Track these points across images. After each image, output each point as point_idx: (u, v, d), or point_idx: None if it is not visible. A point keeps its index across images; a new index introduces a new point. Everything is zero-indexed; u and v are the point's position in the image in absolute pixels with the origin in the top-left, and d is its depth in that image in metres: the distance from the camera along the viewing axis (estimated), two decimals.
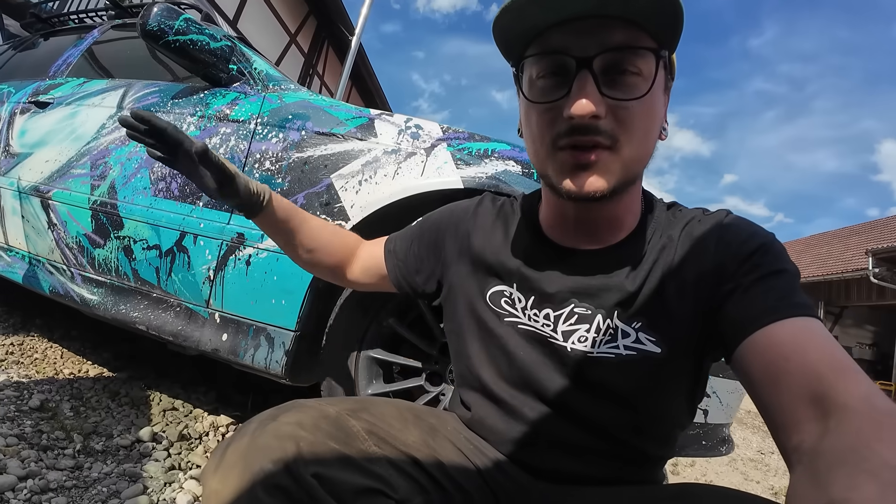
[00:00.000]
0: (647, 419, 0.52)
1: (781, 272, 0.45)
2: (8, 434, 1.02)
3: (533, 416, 0.54)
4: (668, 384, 0.51)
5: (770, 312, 0.42)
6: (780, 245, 0.48)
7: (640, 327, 0.50)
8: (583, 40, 0.45)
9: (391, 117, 1.12)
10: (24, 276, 1.48)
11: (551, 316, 0.54)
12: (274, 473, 0.39)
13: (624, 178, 0.48)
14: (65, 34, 2.11)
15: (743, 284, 0.45)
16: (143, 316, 1.19)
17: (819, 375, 0.36)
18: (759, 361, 0.40)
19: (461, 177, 1.00)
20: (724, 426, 1.15)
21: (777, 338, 0.40)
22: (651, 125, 0.48)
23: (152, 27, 1.19)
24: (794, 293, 0.43)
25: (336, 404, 0.49)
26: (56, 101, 1.57)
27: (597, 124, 0.45)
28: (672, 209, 0.56)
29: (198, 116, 1.26)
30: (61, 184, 1.40)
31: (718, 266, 0.47)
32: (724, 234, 0.49)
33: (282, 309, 1.04)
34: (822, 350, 0.38)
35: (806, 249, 14.95)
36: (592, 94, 0.44)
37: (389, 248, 0.70)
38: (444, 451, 0.52)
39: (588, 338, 0.51)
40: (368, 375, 0.99)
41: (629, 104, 0.45)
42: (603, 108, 0.44)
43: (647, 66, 0.45)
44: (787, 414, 0.37)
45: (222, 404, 1.47)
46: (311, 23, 7.78)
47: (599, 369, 0.51)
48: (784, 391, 0.37)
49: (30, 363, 1.46)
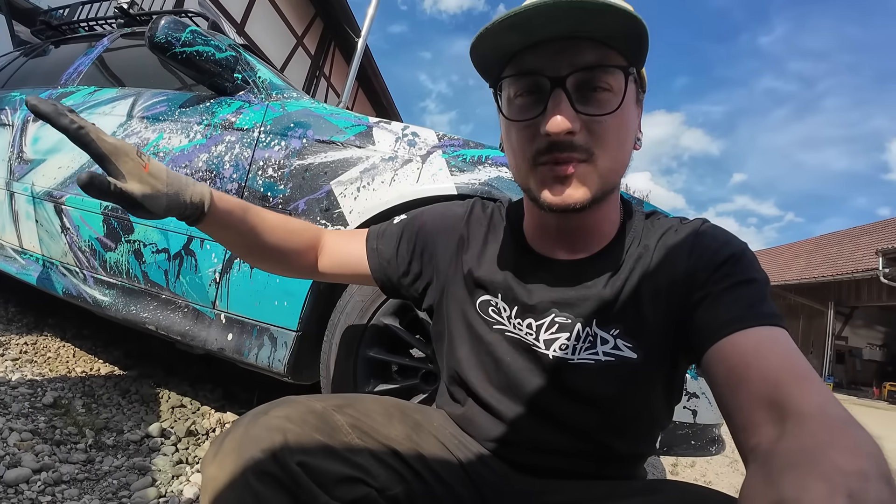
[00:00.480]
0: (626, 421, 0.55)
1: (751, 281, 0.47)
2: (23, 429, 1.06)
3: (516, 420, 0.56)
4: (645, 388, 0.54)
5: (736, 321, 0.44)
6: (751, 254, 0.50)
7: (618, 334, 0.52)
8: (556, 61, 0.47)
9: (389, 125, 1.16)
10: (38, 278, 1.53)
11: (533, 325, 0.56)
12: (263, 461, 0.43)
13: (602, 189, 0.50)
14: (75, 42, 2.15)
15: (713, 293, 0.47)
16: (153, 316, 1.24)
17: (778, 382, 0.38)
18: (722, 367, 0.43)
19: (455, 183, 1.04)
20: (713, 426, 1.17)
21: (741, 345, 0.42)
22: (625, 137, 0.51)
23: (160, 39, 1.23)
24: (762, 302, 0.45)
25: (323, 400, 0.52)
26: None
27: (572, 140, 0.47)
28: (651, 218, 0.58)
29: (204, 125, 1.30)
30: (74, 189, 1.45)
31: (690, 274, 0.49)
32: (697, 243, 0.51)
33: (284, 310, 1.08)
34: (783, 358, 0.40)
35: (816, 249, 14.76)
36: (566, 111, 0.47)
37: (372, 246, 0.69)
38: (428, 445, 0.56)
39: (568, 345, 0.54)
40: (366, 374, 1.03)
41: (602, 119, 0.48)
42: (577, 124, 0.47)
43: (617, 83, 0.48)
44: (746, 416, 0.39)
45: (228, 401, 1.52)
46: (317, 25, 7.82)
47: (580, 375, 0.53)
48: (744, 395, 0.40)
49: (43, 362, 1.50)
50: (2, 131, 1.82)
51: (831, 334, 13.04)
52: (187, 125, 1.33)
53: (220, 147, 1.25)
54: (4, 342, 1.55)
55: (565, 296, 0.55)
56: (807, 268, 13.66)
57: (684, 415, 1.04)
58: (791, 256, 15.77)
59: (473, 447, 0.59)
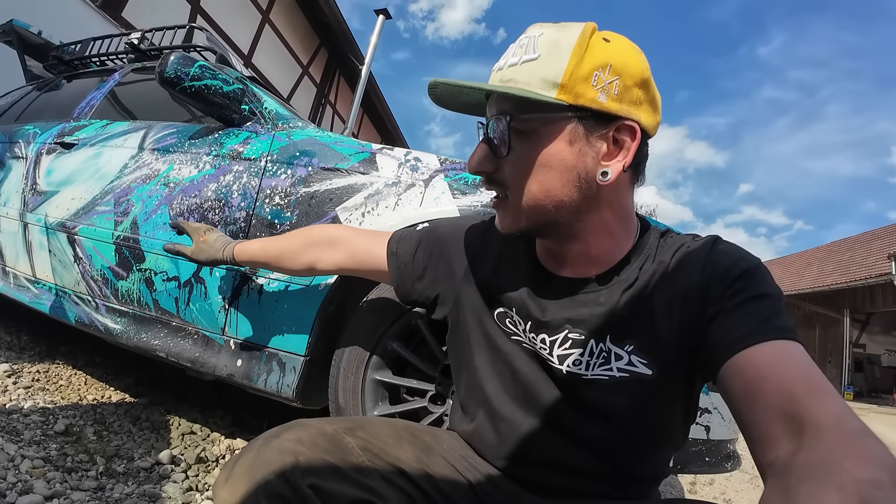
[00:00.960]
0: (640, 439, 0.55)
1: (764, 296, 0.47)
2: (34, 456, 1.06)
3: (529, 433, 0.57)
4: (660, 405, 0.54)
5: (750, 335, 0.44)
6: (764, 269, 0.50)
7: (633, 350, 0.53)
8: (487, 111, 0.56)
9: (391, 151, 1.19)
10: (51, 306, 1.56)
11: (547, 341, 0.57)
12: (275, 484, 0.44)
13: (531, 221, 0.54)
14: (87, 76, 2.21)
15: (727, 308, 0.47)
16: (163, 343, 1.25)
17: (794, 396, 0.39)
18: (738, 381, 0.43)
19: (457, 206, 1.05)
20: (728, 442, 1.16)
21: (756, 360, 0.43)
22: (540, 176, 0.52)
23: (169, 75, 1.28)
24: (776, 316, 0.46)
25: (334, 423, 0.54)
26: (81, 142, 1.67)
27: (491, 177, 0.55)
28: (665, 236, 0.59)
29: (213, 155, 1.34)
30: (87, 220, 1.49)
31: (704, 290, 0.50)
32: (710, 259, 0.52)
33: (292, 335, 1.10)
34: (798, 372, 0.41)
35: (828, 256, 14.57)
36: (478, 154, 0.55)
37: (392, 249, 0.75)
38: (437, 467, 0.56)
39: (582, 361, 0.55)
40: (374, 397, 1.04)
41: (505, 160, 0.53)
42: (491, 165, 0.55)
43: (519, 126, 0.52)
44: (763, 431, 0.39)
45: (238, 428, 1.53)
46: (322, 54, 8.06)
47: (594, 390, 0.54)
48: (761, 410, 0.40)
49: (55, 389, 1.52)
50: (16, 164, 1.87)
51: (848, 342, 12.80)
52: (197, 156, 1.37)
53: (229, 176, 1.28)
54: (17, 370, 1.57)
55: (578, 312, 0.56)
56: (820, 276, 13.49)
57: (697, 431, 1.03)
58: (803, 265, 15.60)
59: (483, 468, 0.60)
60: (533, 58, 0.50)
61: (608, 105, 0.50)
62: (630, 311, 0.53)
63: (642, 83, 0.52)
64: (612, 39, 0.51)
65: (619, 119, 0.51)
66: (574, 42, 0.50)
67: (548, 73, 0.49)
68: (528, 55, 0.51)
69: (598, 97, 0.50)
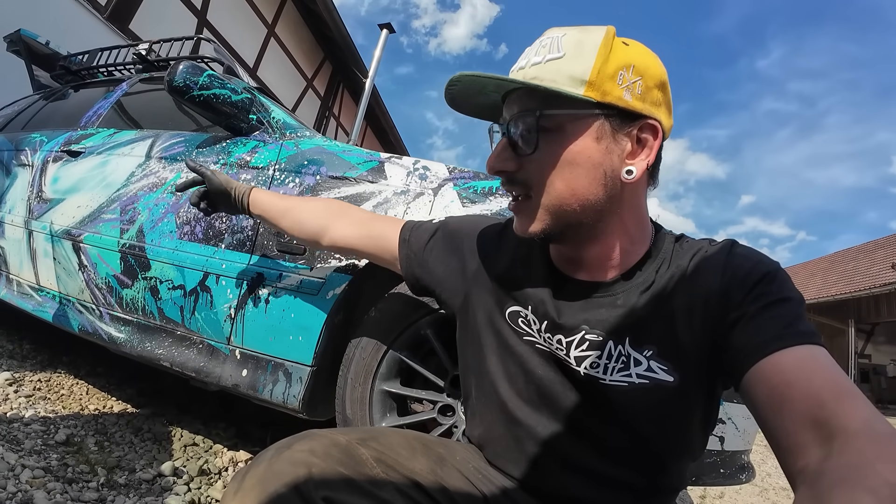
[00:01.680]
0: (659, 446, 0.54)
1: (786, 300, 0.47)
2: (35, 466, 1.05)
3: (546, 436, 0.56)
4: (681, 413, 0.53)
5: (775, 340, 0.43)
6: (784, 273, 0.50)
7: (652, 356, 0.52)
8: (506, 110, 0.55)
9: (400, 160, 1.19)
10: (55, 315, 1.55)
11: (563, 341, 0.56)
12: (287, 497, 0.43)
13: (554, 222, 0.53)
14: (94, 86, 2.23)
15: (748, 313, 0.47)
16: (168, 353, 1.24)
17: (821, 401, 0.38)
18: (763, 388, 0.42)
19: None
20: (742, 453, 1.14)
21: (781, 365, 0.42)
22: (567, 174, 0.52)
23: (178, 83, 1.29)
24: (799, 321, 0.45)
25: (347, 434, 0.52)
26: (88, 151, 1.68)
27: (512, 177, 0.54)
28: (680, 241, 0.58)
29: (220, 164, 1.34)
30: (92, 228, 1.49)
31: (724, 295, 0.49)
32: (729, 263, 0.51)
33: (299, 345, 1.09)
34: (824, 377, 0.40)
35: (831, 267, 14.53)
36: (500, 153, 0.54)
37: (405, 237, 0.75)
38: (451, 479, 0.55)
39: (600, 364, 0.53)
40: (382, 409, 1.02)
41: (531, 158, 0.52)
42: (513, 164, 0.53)
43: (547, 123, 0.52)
44: (791, 438, 0.39)
45: (242, 440, 1.51)
46: (326, 67, 8.17)
47: (612, 396, 0.53)
48: (787, 416, 0.39)
49: (56, 399, 1.50)
50: (22, 171, 1.88)
51: (854, 353, 12.72)
52: (204, 164, 1.36)
53: None
54: (19, 379, 1.56)
55: (596, 314, 0.55)
56: (823, 286, 13.45)
57: (712, 442, 1.02)
58: (807, 275, 15.56)
59: (498, 481, 0.58)
60: (558, 56, 0.51)
61: (633, 103, 0.51)
62: (649, 314, 0.53)
63: (661, 85, 0.53)
64: (630, 44, 0.52)
65: (642, 118, 0.52)
66: (599, 42, 0.50)
67: (575, 70, 0.50)
68: (552, 54, 0.51)
69: (624, 95, 0.50)
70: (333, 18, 6.78)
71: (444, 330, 1.00)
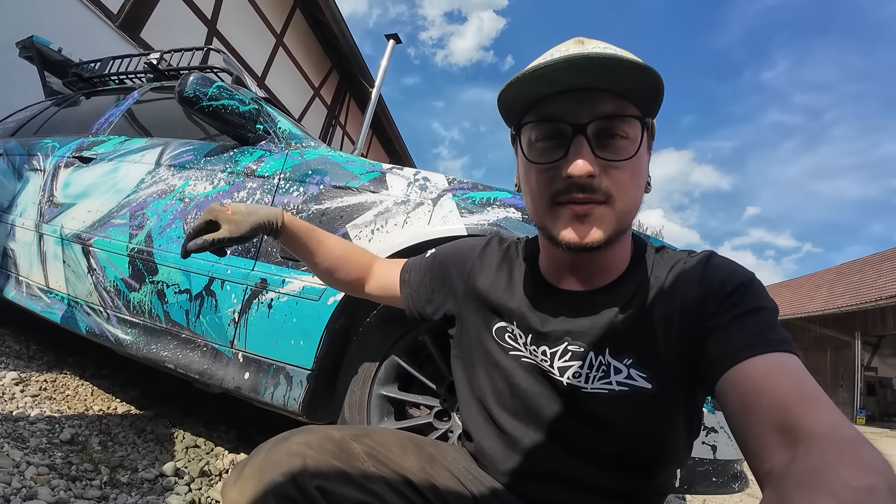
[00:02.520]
0: (642, 453, 0.55)
1: (759, 310, 0.48)
2: (40, 464, 1.07)
3: (532, 447, 0.58)
4: (661, 419, 0.54)
5: (745, 349, 0.45)
6: (759, 283, 0.51)
7: (631, 364, 0.54)
8: (577, 109, 0.51)
9: (401, 171, 1.22)
10: (63, 316, 1.58)
11: (548, 352, 0.58)
12: (283, 485, 0.46)
13: (617, 229, 0.53)
14: (106, 94, 2.27)
15: (722, 322, 0.48)
16: (172, 355, 1.27)
17: (787, 406, 0.39)
18: (734, 395, 0.44)
19: (465, 224, 1.08)
20: (735, 462, 1.15)
21: (751, 372, 0.43)
22: (639, 181, 0.54)
23: (188, 94, 1.33)
24: (771, 329, 0.46)
25: (341, 430, 0.55)
26: (99, 157, 1.72)
27: (592, 182, 0.51)
28: (661, 252, 0.60)
29: (227, 172, 1.38)
30: (102, 232, 1.52)
31: (700, 304, 0.51)
32: (706, 274, 0.53)
33: (300, 349, 1.11)
34: (791, 383, 0.41)
35: (838, 279, 14.42)
36: (588, 156, 0.50)
37: (404, 277, 0.78)
38: (441, 478, 0.57)
39: (582, 373, 0.55)
40: (380, 412, 1.05)
41: (620, 164, 0.51)
42: (597, 169, 0.50)
43: (633, 131, 0.52)
44: (758, 442, 0.40)
45: (242, 443, 1.53)
46: (333, 77, 8.28)
47: (594, 403, 0.55)
48: (755, 422, 0.40)
49: (62, 399, 1.53)
50: (34, 176, 1.92)
51: (860, 365, 12.58)
52: (212, 173, 1.41)
53: (243, 193, 1.32)
54: (25, 379, 1.58)
55: (578, 325, 0.57)
56: (830, 298, 13.34)
57: (704, 451, 1.03)
58: (813, 287, 15.43)
59: (487, 482, 0.60)
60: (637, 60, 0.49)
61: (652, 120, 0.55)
62: (629, 325, 0.54)
63: None
64: None
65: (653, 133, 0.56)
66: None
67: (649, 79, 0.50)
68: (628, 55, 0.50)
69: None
70: (341, 28, 6.87)
71: (440, 337, 1.03)
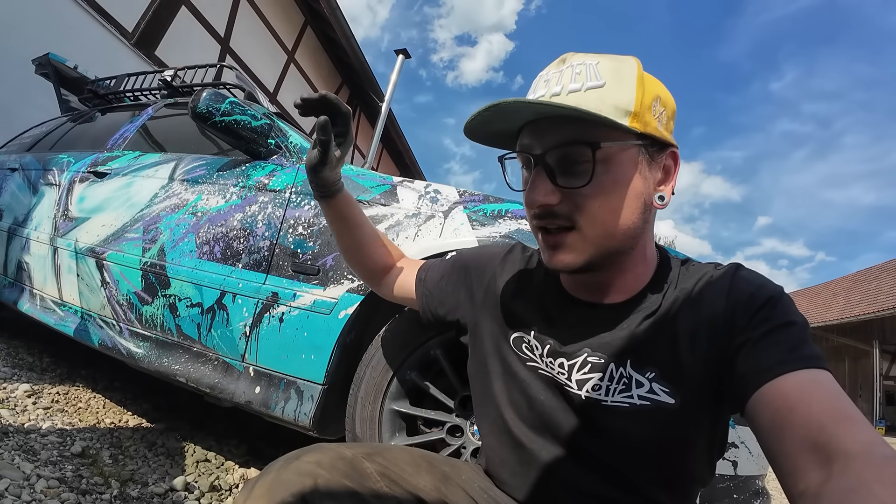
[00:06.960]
0: (663, 470, 0.54)
1: (790, 324, 0.47)
2: (50, 476, 1.07)
3: (549, 461, 0.56)
4: (684, 435, 0.53)
5: (778, 365, 0.44)
6: (788, 298, 0.50)
7: (654, 377, 0.52)
8: (538, 139, 0.53)
9: (412, 184, 1.23)
10: (76, 329, 1.60)
11: (565, 365, 0.57)
12: None
13: (598, 253, 0.53)
14: (121, 110, 2.31)
15: (753, 338, 0.47)
16: (184, 369, 1.27)
17: (822, 425, 0.38)
18: (766, 413, 0.42)
19: (476, 237, 1.08)
20: (756, 478, 1.11)
21: (784, 390, 0.42)
22: (615, 205, 0.52)
23: (202, 110, 1.35)
24: (803, 345, 0.45)
25: (353, 448, 0.54)
26: (113, 172, 1.74)
27: (553, 210, 0.52)
28: (686, 265, 0.59)
29: (240, 186, 1.39)
30: (115, 246, 1.54)
31: (729, 319, 0.49)
32: (734, 287, 0.51)
33: (311, 363, 1.11)
34: (826, 400, 0.40)
35: (854, 286, 14.14)
36: (543, 186, 0.52)
37: (421, 276, 0.78)
38: (455, 498, 0.56)
39: (602, 386, 0.54)
40: (391, 428, 1.04)
41: (579, 190, 0.51)
42: (555, 197, 0.52)
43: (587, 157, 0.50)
44: (791, 461, 0.39)
45: (253, 457, 1.52)
46: (344, 92, 8.42)
47: (613, 417, 0.53)
48: (789, 440, 0.40)
49: (73, 411, 1.53)
50: (49, 190, 1.95)
51: (879, 375, 12.27)
52: (224, 187, 1.42)
53: (254, 207, 1.33)
54: (38, 391, 1.59)
55: (598, 336, 0.56)
56: (846, 306, 13.08)
57: (724, 466, 1.00)
58: (829, 296, 15.15)
59: (503, 500, 0.59)
60: (599, 85, 0.51)
61: (663, 133, 0.53)
62: (651, 337, 0.53)
63: (674, 115, 0.56)
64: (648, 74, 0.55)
65: (669, 146, 0.55)
66: (635, 73, 0.52)
67: (620, 100, 0.50)
68: (591, 82, 0.51)
69: (658, 126, 0.53)
70: (351, 45, 6.99)
71: (453, 351, 1.02)
